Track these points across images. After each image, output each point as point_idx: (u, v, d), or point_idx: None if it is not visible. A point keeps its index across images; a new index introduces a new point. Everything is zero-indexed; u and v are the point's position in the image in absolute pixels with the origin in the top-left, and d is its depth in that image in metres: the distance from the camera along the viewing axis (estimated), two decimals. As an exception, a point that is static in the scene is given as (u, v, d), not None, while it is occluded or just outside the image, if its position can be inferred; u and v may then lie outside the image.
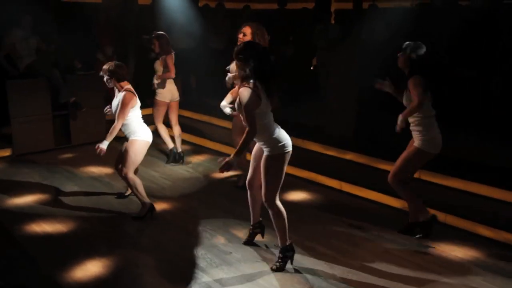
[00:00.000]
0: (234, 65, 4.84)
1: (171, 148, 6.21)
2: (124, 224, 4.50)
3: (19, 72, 6.78)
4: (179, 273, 3.64)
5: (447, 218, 4.56)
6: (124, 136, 4.61)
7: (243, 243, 4.10)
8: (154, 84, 5.92)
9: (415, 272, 3.70)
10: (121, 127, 4.47)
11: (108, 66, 4.43)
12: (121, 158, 4.59)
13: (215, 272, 3.66)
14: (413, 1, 8.23)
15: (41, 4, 6.99)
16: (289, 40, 8.79)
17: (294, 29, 8.82)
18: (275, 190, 3.59)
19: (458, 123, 5.77)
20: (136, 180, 4.50)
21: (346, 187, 5.36)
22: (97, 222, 4.53)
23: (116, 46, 7.94)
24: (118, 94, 4.48)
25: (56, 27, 7.24)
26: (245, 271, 3.68)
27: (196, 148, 7.03)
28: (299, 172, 5.78)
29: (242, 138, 3.43)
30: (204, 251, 3.97)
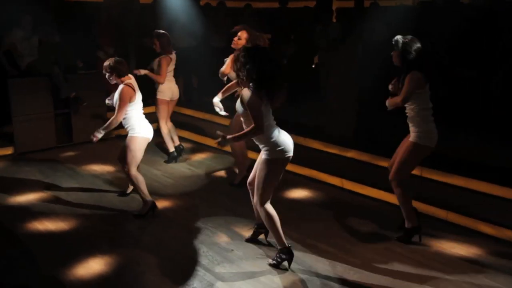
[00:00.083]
0: (228, 62, 4.86)
1: (172, 151, 6.22)
2: (126, 222, 4.51)
3: (21, 71, 6.80)
4: (181, 271, 3.65)
5: (449, 216, 4.56)
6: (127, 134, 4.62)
7: (245, 241, 4.11)
8: (140, 71, 5.75)
9: (417, 269, 3.71)
10: (122, 121, 4.47)
11: (108, 63, 4.42)
12: (123, 155, 4.61)
13: (217, 270, 3.66)
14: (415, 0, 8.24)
15: (42, 4, 7.00)
16: (290, 39, 8.78)
17: (296, 28, 8.81)
18: (267, 194, 3.62)
19: (459, 123, 5.77)
20: (139, 177, 4.50)
21: (348, 185, 5.36)
22: (99, 220, 4.54)
23: (117, 46, 7.94)
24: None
25: (57, 27, 7.25)
26: (247, 269, 3.68)
27: (198, 146, 7.04)
28: (301, 170, 5.78)
29: (247, 129, 3.45)
30: (206, 249, 3.98)
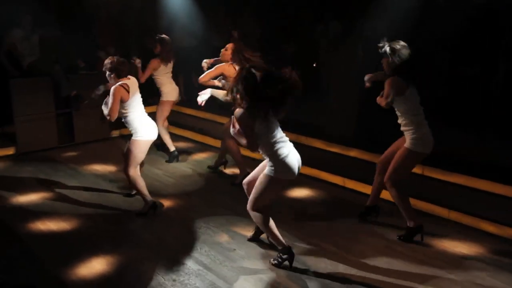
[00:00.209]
0: (209, 72, 4.98)
1: (172, 150, 6.23)
2: (128, 222, 4.51)
3: (22, 71, 6.80)
4: (183, 270, 3.65)
5: (451, 214, 4.55)
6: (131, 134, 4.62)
7: (248, 240, 4.11)
8: (136, 60, 5.72)
9: (419, 268, 3.70)
10: (125, 123, 4.48)
11: (110, 61, 4.37)
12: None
13: (219, 269, 3.67)
14: None
15: (41, 3, 6.99)
16: (291, 38, 8.75)
17: (296, 27, 8.78)
18: (261, 203, 3.64)
19: (461, 121, 5.75)
20: (137, 178, 4.51)
21: (350, 184, 5.36)
22: (101, 220, 4.55)
23: (117, 45, 7.93)
24: None
25: (57, 26, 7.25)
26: (249, 268, 3.68)
27: (199, 146, 7.04)
28: (302, 169, 5.62)
29: (244, 142, 3.51)
30: (208, 248, 3.98)
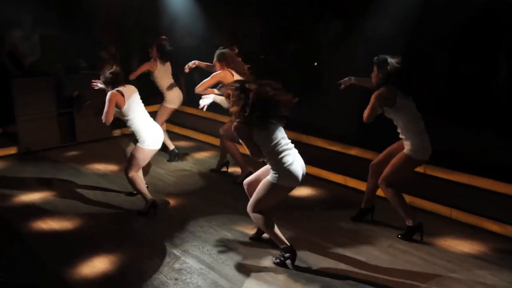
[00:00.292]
0: (206, 81, 5.22)
1: (172, 149, 6.25)
2: (130, 221, 4.52)
3: (24, 71, 6.81)
4: (185, 269, 3.65)
5: (453, 213, 4.55)
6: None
7: (250, 239, 4.11)
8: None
9: (421, 267, 3.70)
10: (131, 130, 4.52)
11: (105, 74, 4.41)
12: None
13: (221, 268, 3.67)
14: None
15: (42, 3, 6.99)
16: (291, 38, 8.74)
17: (296, 27, 8.77)
18: (262, 207, 3.64)
19: (462, 120, 5.74)
20: (136, 178, 4.55)
21: (351, 183, 5.35)
22: (103, 219, 4.55)
23: (117, 45, 7.94)
24: None
25: (58, 25, 7.25)
26: (251, 267, 3.69)
27: (201, 145, 7.04)
28: None
29: (248, 150, 3.58)
30: (210, 247, 3.98)
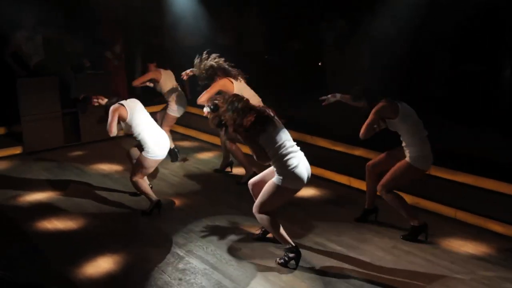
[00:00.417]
0: (205, 93, 5.23)
1: (172, 148, 6.24)
2: (134, 221, 4.53)
3: (29, 71, 6.83)
4: (189, 270, 3.66)
5: (457, 214, 4.53)
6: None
7: (254, 239, 4.11)
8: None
9: (425, 268, 3.69)
10: (139, 140, 4.54)
11: (111, 100, 4.65)
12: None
13: (225, 268, 3.67)
14: None
15: (45, 3, 7.02)
16: (295, 36, 8.73)
17: (299, 26, 8.76)
18: (268, 209, 3.64)
19: (467, 120, 5.72)
20: (140, 181, 4.57)
21: (355, 183, 5.34)
22: (108, 219, 4.57)
23: (116, 44, 7.96)
24: None
25: (61, 25, 7.27)
26: (255, 267, 3.69)
27: (205, 145, 7.05)
28: None
29: (253, 154, 3.61)
30: (214, 247, 3.99)
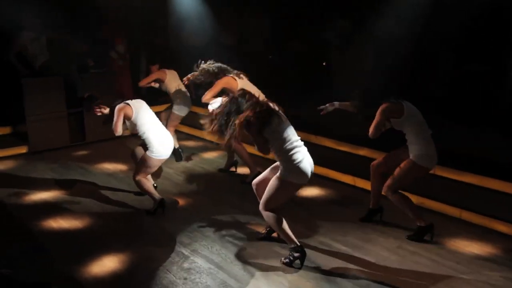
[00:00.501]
0: (209, 92, 5.20)
1: (176, 148, 6.26)
2: (139, 220, 4.54)
3: (35, 71, 6.86)
4: (194, 269, 3.67)
5: (463, 214, 4.52)
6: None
7: (258, 239, 4.11)
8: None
9: (430, 268, 3.69)
10: (143, 140, 4.56)
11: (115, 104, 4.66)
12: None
13: (230, 268, 3.68)
14: None
15: (49, 3, 7.04)
16: (296, 36, 8.73)
17: (300, 26, 8.76)
18: (273, 205, 3.64)
19: (472, 121, 5.71)
20: (143, 180, 4.59)
21: (360, 183, 5.34)
22: (112, 218, 4.58)
23: (121, 44, 7.98)
24: None
25: (65, 25, 7.30)
26: (260, 267, 3.69)
27: (209, 145, 7.05)
28: None
29: (256, 146, 3.60)
30: (219, 247, 3.99)
